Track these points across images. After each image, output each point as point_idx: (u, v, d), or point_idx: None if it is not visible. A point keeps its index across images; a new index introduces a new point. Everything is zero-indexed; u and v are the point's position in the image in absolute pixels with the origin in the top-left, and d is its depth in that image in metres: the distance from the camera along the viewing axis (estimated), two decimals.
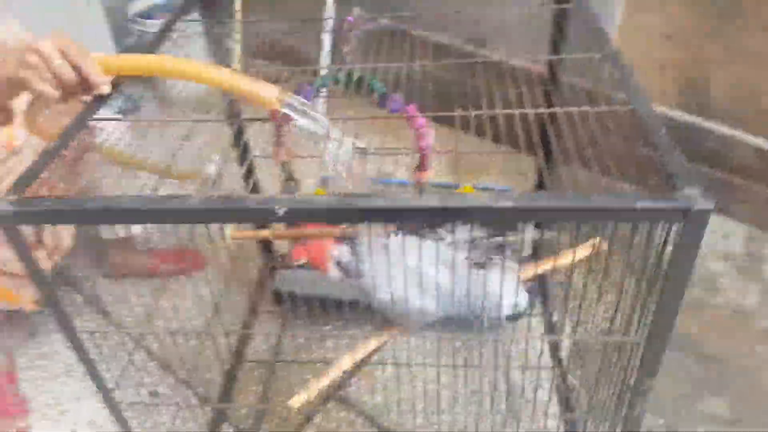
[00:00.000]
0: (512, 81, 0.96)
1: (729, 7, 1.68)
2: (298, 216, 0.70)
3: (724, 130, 1.81)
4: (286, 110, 0.86)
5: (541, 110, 0.90)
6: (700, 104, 1.86)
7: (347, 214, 0.69)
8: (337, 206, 0.70)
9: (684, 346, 1.64)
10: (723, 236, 1.94)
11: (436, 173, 1.13)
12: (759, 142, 1.77)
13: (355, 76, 1.11)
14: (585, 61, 0.97)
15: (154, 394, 1.18)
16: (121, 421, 0.98)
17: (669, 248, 0.68)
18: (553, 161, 1.14)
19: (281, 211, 0.70)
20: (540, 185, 1.36)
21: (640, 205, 0.65)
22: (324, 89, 1.05)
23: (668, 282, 0.69)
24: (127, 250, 1.68)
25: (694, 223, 0.65)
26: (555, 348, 1.46)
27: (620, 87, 0.85)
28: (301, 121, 0.87)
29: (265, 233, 1.51)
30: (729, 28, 1.71)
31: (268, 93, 0.87)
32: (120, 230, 1.66)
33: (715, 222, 2.00)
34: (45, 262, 1.06)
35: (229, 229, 1.36)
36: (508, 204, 0.67)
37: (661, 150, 0.72)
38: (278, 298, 1.65)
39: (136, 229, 1.60)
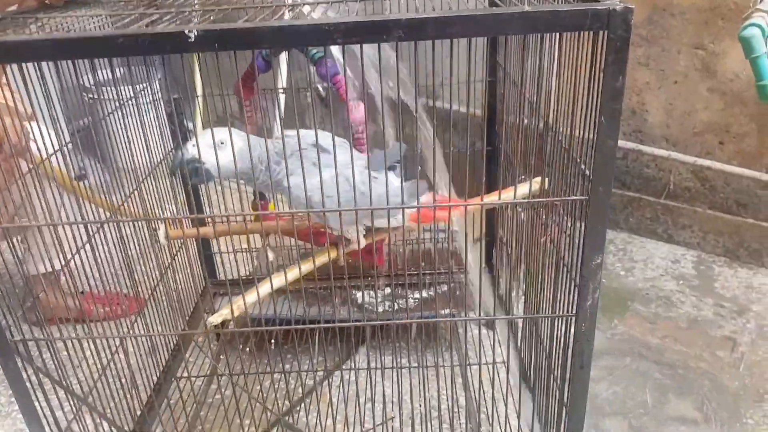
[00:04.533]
0: None
1: (653, 31, 1.81)
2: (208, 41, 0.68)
3: (662, 153, 1.88)
4: None
5: None
6: (638, 131, 1.95)
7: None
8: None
9: (644, 356, 1.59)
10: (673, 261, 1.95)
11: None
12: (693, 160, 1.84)
13: None
14: None
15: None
16: None
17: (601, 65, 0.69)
18: None
19: (192, 35, 0.69)
20: None
21: (564, 8, 0.67)
22: None
23: (605, 96, 0.69)
24: (56, 291, 1.52)
25: (618, 24, 0.66)
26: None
27: None
28: None
29: (205, 230, 1.45)
30: (656, 53, 1.83)
31: None
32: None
33: (662, 250, 2.02)
34: None
35: (163, 228, 1.30)
36: (430, 16, 0.68)
37: None
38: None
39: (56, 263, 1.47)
